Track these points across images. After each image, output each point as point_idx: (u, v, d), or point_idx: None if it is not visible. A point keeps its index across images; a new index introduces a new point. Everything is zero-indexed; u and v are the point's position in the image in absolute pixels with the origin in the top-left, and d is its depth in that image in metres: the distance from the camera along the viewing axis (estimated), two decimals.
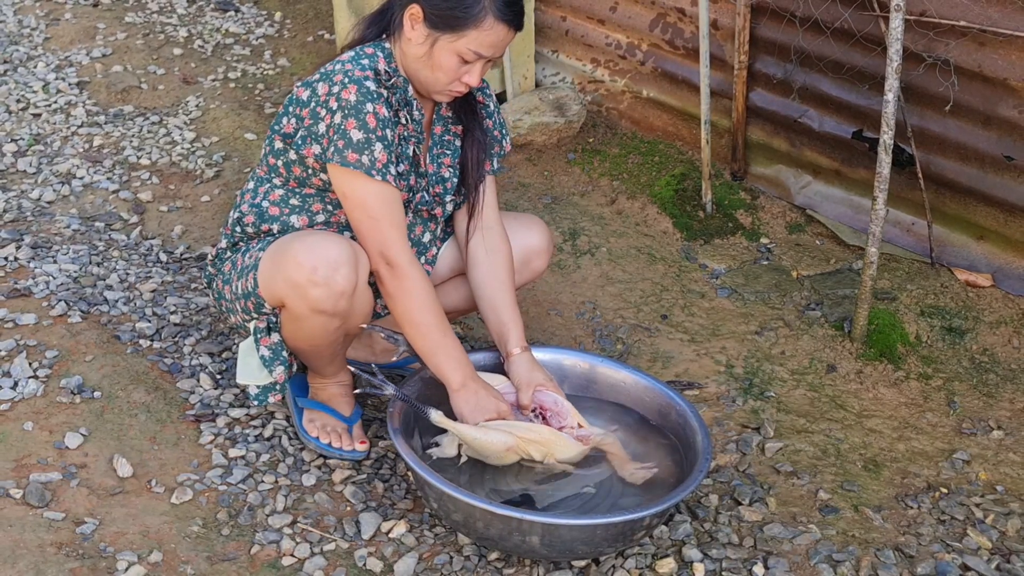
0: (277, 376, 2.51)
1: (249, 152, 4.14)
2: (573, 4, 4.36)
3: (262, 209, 2.54)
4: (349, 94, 2.31)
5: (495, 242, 2.64)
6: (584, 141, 4.23)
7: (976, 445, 2.80)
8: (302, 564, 2.33)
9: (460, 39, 2.33)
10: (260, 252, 2.47)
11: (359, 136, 2.32)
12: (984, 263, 3.35)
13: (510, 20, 2.35)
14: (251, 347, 2.53)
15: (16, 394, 2.66)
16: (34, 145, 4.10)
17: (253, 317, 2.51)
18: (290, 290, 2.36)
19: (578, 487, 2.45)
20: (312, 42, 5.03)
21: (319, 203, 2.52)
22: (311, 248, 2.33)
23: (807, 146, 3.75)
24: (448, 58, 2.35)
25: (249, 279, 2.46)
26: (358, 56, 2.40)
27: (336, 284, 2.33)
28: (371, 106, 2.32)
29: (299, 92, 2.42)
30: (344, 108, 2.31)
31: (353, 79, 2.32)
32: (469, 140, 2.61)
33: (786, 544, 2.43)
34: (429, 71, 2.39)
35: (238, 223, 2.57)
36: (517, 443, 2.39)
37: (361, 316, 2.47)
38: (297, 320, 2.41)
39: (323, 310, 2.36)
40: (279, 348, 2.51)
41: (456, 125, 2.62)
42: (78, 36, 5.01)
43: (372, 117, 2.32)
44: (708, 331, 3.27)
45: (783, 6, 3.58)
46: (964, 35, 3.15)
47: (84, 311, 3.03)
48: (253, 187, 2.58)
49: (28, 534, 2.28)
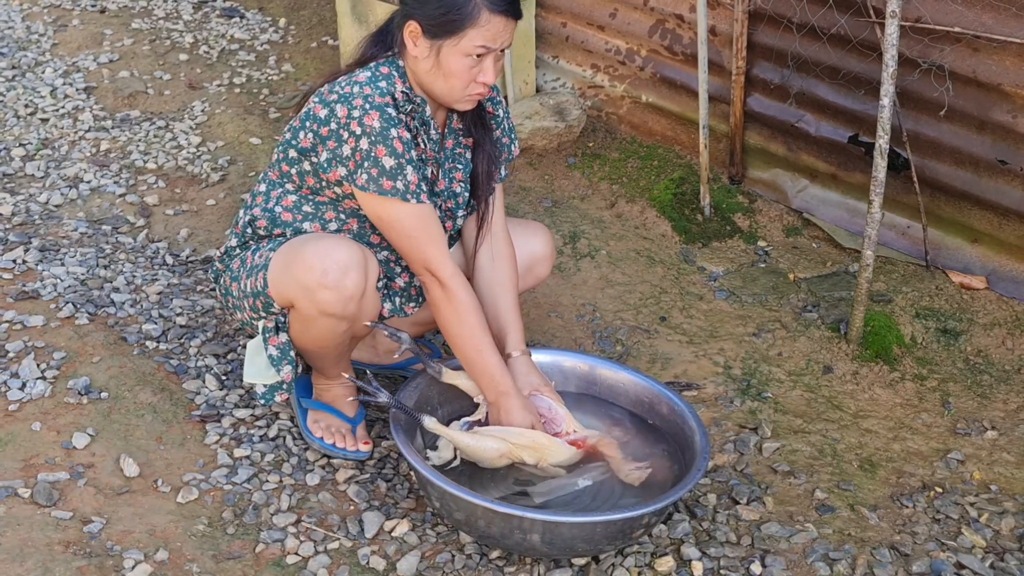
0: (284, 375, 2.51)
1: (254, 156, 4.15)
2: (573, 10, 4.36)
3: (275, 214, 2.54)
4: (372, 120, 2.30)
5: (500, 247, 2.64)
6: (584, 145, 4.24)
7: (970, 445, 2.80)
8: (306, 562, 2.33)
9: (462, 39, 2.32)
10: (271, 252, 2.46)
11: (391, 163, 2.31)
12: (978, 266, 3.35)
13: (505, 10, 2.32)
14: (259, 346, 2.53)
15: (24, 395, 2.67)
16: (42, 149, 4.11)
17: (261, 316, 2.51)
18: (300, 292, 2.36)
19: (574, 487, 2.45)
20: (316, 48, 5.04)
21: (332, 211, 2.51)
22: (322, 251, 2.34)
23: (804, 150, 3.76)
24: (457, 62, 2.34)
25: (259, 278, 2.46)
26: (375, 77, 2.38)
27: (346, 288, 2.33)
28: (395, 131, 2.31)
29: (316, 109, 2.40)
30: (370, 135, 2.30)
31: (375, 105, 2.31)
32: (480, 154, 2.60)
33: (783, 543, 2.43)
34: (443, 81, 2.37)
35: (250, 225, 2.57)
36: (510, 449, 2.39)
37: (368, 319, 2.48)
38: (306, 321, 2.42)
39: (332, 313, 2.36)
40: (287, 348, 2.51)
41: (467, 138, 2.61)
42: (85, 42, 5.01)
43: (399, 142, 2.32)
44: (706, 333, 3.27)
45: (780, 12, 3.58)
46: (958, 41, 3.15)
47: (91, 313, 3.03)
48: (265, 190, 2.57)
49: (36, 533, 2.28)
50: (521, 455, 2.41)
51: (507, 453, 2.40)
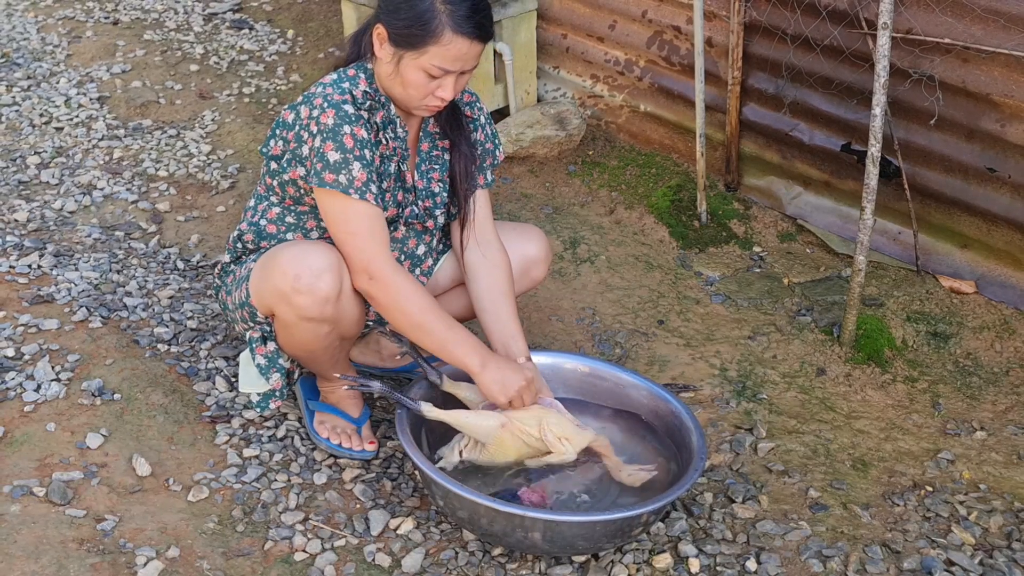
0: (274, 383, 2.50)
1: (262, 164, 4.15)
2: (574, 22, 4.37)
3: (260, 227, 2.53)
4: (327, 118, 2.28)
5: (493, 256, 2.61)
6: (584, 154, 4.24)
7: (960, 445, 2.80)
8: (314, 559, 2.33)
9: (423, 55, 2.27)
10: (252, 263, 2.47)
11: (336, 157, 2.28)
12: (968, 271, 3.35)
13: (470, 32, 2.26)
14: (249, 357, 2.54)
15: (39, 396, 2.67)
16: (57, 157, 4.12)
17: (250, 326, 2.51)
18: (277, 298, 2.34)
19: (572, 486, 2.45)
20: (323, 58, 5.05)
21: (313, 220, 2.50)
22: (295, 257, 2.32)
23: (798, 158, 3.76)
24: (415, 75, 2.30)
25: (243, 289, 2.46)
26: (339, 79, 2.37)
27: (319, 291, 2.31)
28: (348, 128, 2.28)
29: (285, 115, 2.39)
30: (323, 132, 2.29)
31: (332, 103, 2.30)
32: (456, 154, 2.57)
33: (778, 540, 2.43)
34: (400, 88, 2.34)
35: (239, 240, 2.57)
36: (510, 420, 2.35)
37: (350, 321, 2.44)
38: (288, 327, 2.40)
39: (310, 316, 2.34)
40: (275, 356, 2.50)
41: (443, 140, 2.58)
42: (99, 53, 5.02)
43: (349, 138, 2.28)
44: (703, 336, 3.27)
45: (775, 24, 3.59)
46: (948, 52, 3.16)
47: (104, 317, 3.04)
48: (253, 204, 2.58)
49: (51, 530, 2.28)
50: (522, 426, 2.36)
51: (508, 424, 2.36)
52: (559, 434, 2.39)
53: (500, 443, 2.38)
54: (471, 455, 2.42)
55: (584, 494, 2.44)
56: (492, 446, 2.38)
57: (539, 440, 2.39)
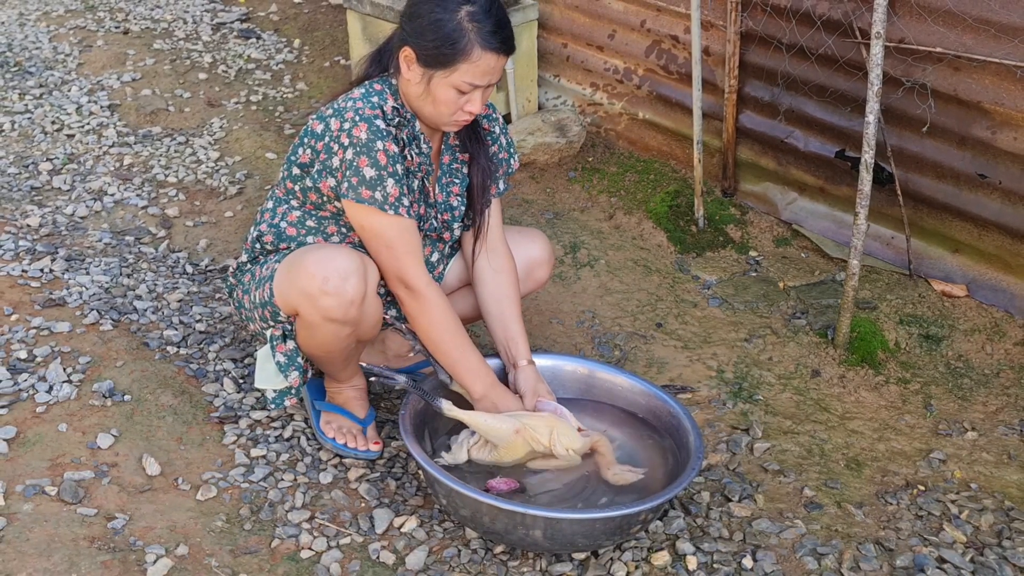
0: (292, 380, 2.52)
1: (270, 170, 4.16)
2: (574, 31, 4.38)
3: (280, 229, 2.55)
4: (360, 132, 2.31)
5: (500, 262, 2.64)
6: (584, 160, 4.25)
7: (952, 445, 2.80)
8: (320, 557, 2.34)
9: (453, 73, 2.31)
10: (276, 264, 2.48)
11: (371, 173, 2.31)
12: (959, 274, 3.36)
13: (497, 47, 2.32)
14: (268, 354, 2.54)
15: (51, 397, 2.68)
16: (68, 164, 4.13)
17: (270, 325, 2.52)
18: (303, 299, 2.36)
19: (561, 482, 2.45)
20: (329, 67, 5.05)
21: (334, 225, 2.52)
22: (322, 260, 2.34)
23: (793, 165, 3.77)
24: (445, 92, 2.34)
25: (265, 289, 2.47)
26: (368, 93, 2.38)
27: (346, 293, 2.34)
28: (381, 144, 2.31)
29: (314, 125, 2.41)
30: (356, 145, 2.31)
31: (364, 117, 2.32)
32: (475, 168, 2.60)
33: (773, 538, 2.43)
34: (431, 107, 2.37)
35: (258, 240, 2.58)
36: (524, 425, 2.40)
37: (371, 324, 2.48)
38: (310, 328, 2.42)
39: (334, 318, 2.37)
40: (294, 354, 2.52)
41: (463, 153, 2.61)
42: (109, 62, 5.03)
43: (383, 155, 2.31)
44: (700, 338, 3.28)
45: (771, 33, 3.59)
46: (940, 61, 3.16)
47: (115, 320, 3.04)
48: (272, 207, 2.59)
49: (63, 529, 2.29)
50: (534, 433, 2.41)
51: (521, 429, 2.40)
52: (567, 445, 2.44)
53: (511, 447, 2.43)
54: (479, 455, 2.45)
55: (553, 481, 2.46)
56: (503, 449, 2.43)
57: (547, 448, 2.43)
